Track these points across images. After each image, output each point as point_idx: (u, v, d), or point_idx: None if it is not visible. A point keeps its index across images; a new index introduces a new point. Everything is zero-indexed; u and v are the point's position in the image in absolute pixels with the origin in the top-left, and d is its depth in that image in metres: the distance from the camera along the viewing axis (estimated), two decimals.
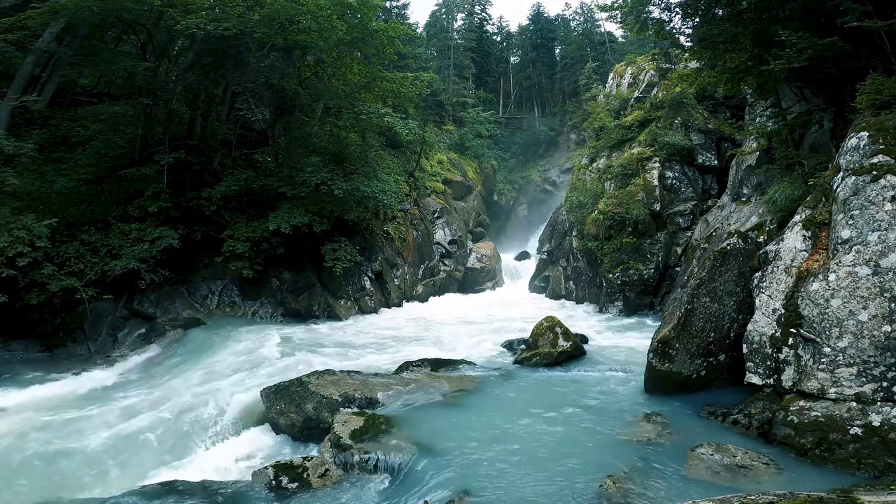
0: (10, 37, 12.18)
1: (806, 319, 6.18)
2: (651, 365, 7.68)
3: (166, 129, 14.90)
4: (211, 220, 14.66)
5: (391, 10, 35.98)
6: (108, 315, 12.59)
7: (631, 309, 16.00)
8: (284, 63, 15.99)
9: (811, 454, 5.57)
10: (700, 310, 7.64)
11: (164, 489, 5.67)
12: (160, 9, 12.95)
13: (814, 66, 8.19)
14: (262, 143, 17.98)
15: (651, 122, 18.95)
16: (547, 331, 10.63)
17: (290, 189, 14.64)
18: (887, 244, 5.76)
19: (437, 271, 22.59)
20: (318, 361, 10.11)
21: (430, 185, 25.26)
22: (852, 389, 5.68)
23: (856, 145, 6.54)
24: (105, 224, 12.98)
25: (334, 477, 5.81)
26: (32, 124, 13.91)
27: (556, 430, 6.50)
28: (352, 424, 6.57)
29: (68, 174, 12.92)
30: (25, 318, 11.48)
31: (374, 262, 17.62)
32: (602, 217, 17.01)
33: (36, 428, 7.37)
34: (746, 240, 8.06)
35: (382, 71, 18.15)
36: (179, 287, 14.09)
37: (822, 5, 8.10)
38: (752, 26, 9.29)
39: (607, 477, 5.11)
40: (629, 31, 13.67)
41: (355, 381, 8.15)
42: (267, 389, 7.73)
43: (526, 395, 8.10)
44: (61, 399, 8.86)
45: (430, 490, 5.21)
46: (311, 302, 15.19)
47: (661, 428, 6.39)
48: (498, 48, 52.13)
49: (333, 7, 14.63)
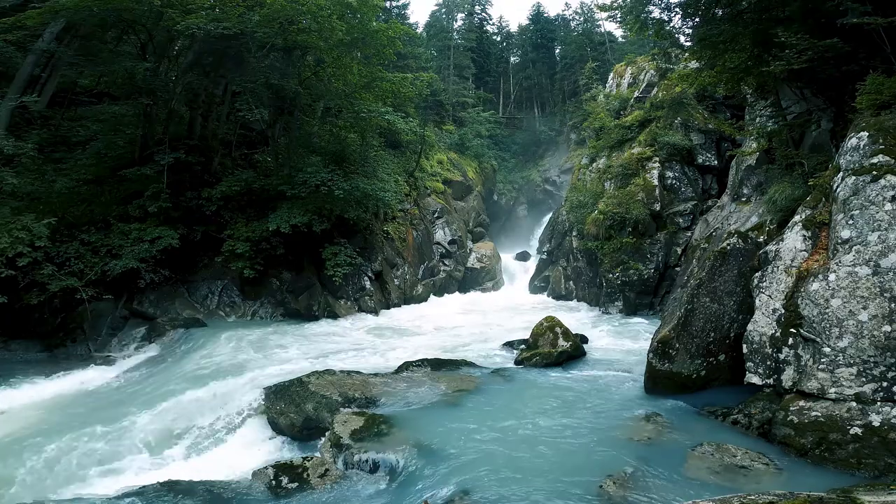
0: (10, 37, 12.19)
1: (806, 319, 6.18)
2: (651, 365, 7.68)
3: (166, 129, 14.90)
4: (211, 220, 14.67)
5: (391, 10, 35.95)
6: (108, 315, 12.59)
7: (631, 309, 16.00)
8: (284, 63, 15.99)
9: (811, 454, 5.57)
10: (700, 310, 7.64)
11: (164, 489, 5.67)
12: (160, 9, 12.96)
13: (814, 66, 8.19)
14: (262, 143, 17.98)
15: (651, 122, 18.95)
16: (547, 331, 10.63)
17: (290, 189, 14.64)
18: (887, 244, 5.76)
19: (437, 271, 22.59)
20: (318, 361, 10.11)
21: (430, 185, 25.24)
22: (852, 389, 5.68)
23: (856, 145, 6.54)
24: (105, 224, 12.98)
25: (334, 477, 5.82)
26: (32, 124, 13.92)
27: (556, 430, 6.49)
28: (352, 424, 6.58)
29: (68, 174, 12.93)
30: (25, 318, 11.48)
31: (374, 263, 17.61)
32: (602, 217, 17.00)
33: (36, 428, 7.37)
34: (746, 240, 8.06)
35: (382, 71, 18.15)
36: (179, 287, 14.08)
37: (821, 5, 8.10)
38: (751, 26, 9.29)
39: (607, 477, 5.11)
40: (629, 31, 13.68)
41: (355, 381, 8.15)
42: (267, 389, 7.74)
43: (526, 395, 8.10)
44: (61, 399, 8.86)
45: (429, 489, 5.21)
46: (311, 302, 15.19)
47: (661, 428, 6.40)
48: (498, 48, 52.05)
49: (333, 7, 14.63)
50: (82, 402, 8.68)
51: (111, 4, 12.19)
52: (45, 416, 7.90)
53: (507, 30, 54.08)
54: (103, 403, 8.46)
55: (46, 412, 8.08)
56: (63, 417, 7.80)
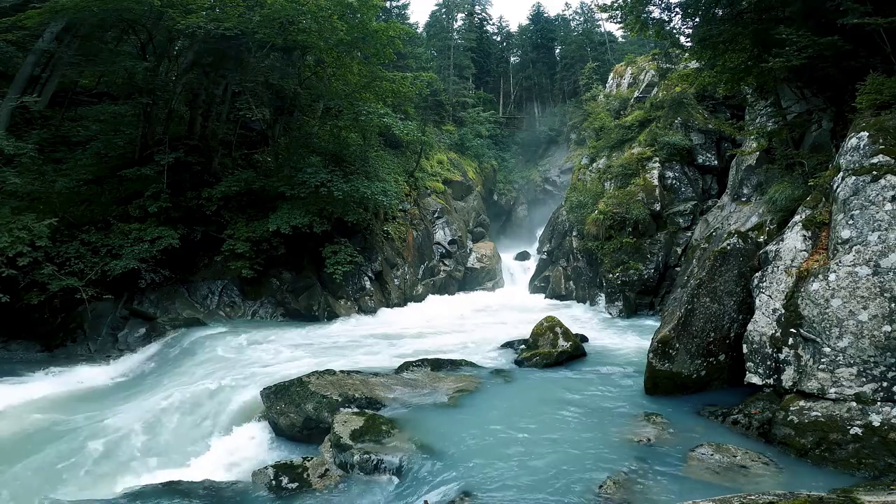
0: (10, 37, 12.21)
1: (806, 319, 6.17)
2: (651, 365, 7.67)
3: (166, 129, 14.91)
4: (211, 220, 14.67)
5: (391, 10, 35.94)
6: (109, 315, 12.59)
7: (631, 309, 15.99)
8: (284, 63, 16.00)
9: (811, 454, 5.57)
10: (700, 310, 7.64)
11: (164, 489, 5.67)
12: (160, 9, 12.96)
13: (814, 65, 8.19)
14: (262, 143, 17.98)
15: (651, 122, 18.95)
16: (547, 331, 10.62)
17: (290, 189, 14.64)
18: (887, 244, 5.76)
19: (437, 271, 22.58)
20: (318, 361, 10.09)
21: (430, 185, 25.24)
22: (852, 389, 5.68)
23: (856, 145, 6.54)
24: (105, 224, 12.99)
25: (334, 477, 5.81)
26: (32, 124, 13.93)
27: (556, 431, 6.49)
28: (352, 424, 6.57)
29: (68, 174, 12.94)
30: (25, 318, 11.49)
31: (374, 263, 17.61)
32: (602, 217, 17.00)
33: (35, 428, 7.37)
34: (746, 240, 8.06)
35: (382, 71, 18.15)
36: (179, 287, 14.09)
37: (822, 5, 8.10)
38: (751, 26, 9.29)
39: (607, 477, 5.11)
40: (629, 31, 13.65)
41: (355, 381, 8.14)
42: (267, 389, 7.72)
43: (526, 395, 8.10)
44: (61, 399, 8.86)
45: (430, 490, 5.20)
46: (311, 302, 15.19)
47: (661, 428, 6.39)
48: (498, 48, 52.07)
49: (333, 7, 14.64)
50: (82, 401, 8.67)
51: (111, 4, 12.20)
52: (44, 415, 7.89)
53: (507, 30, 54.14)
54: (103, 403, 8.46)
55: (46, 412, 8.07)
56: (62, 417, 7.79)
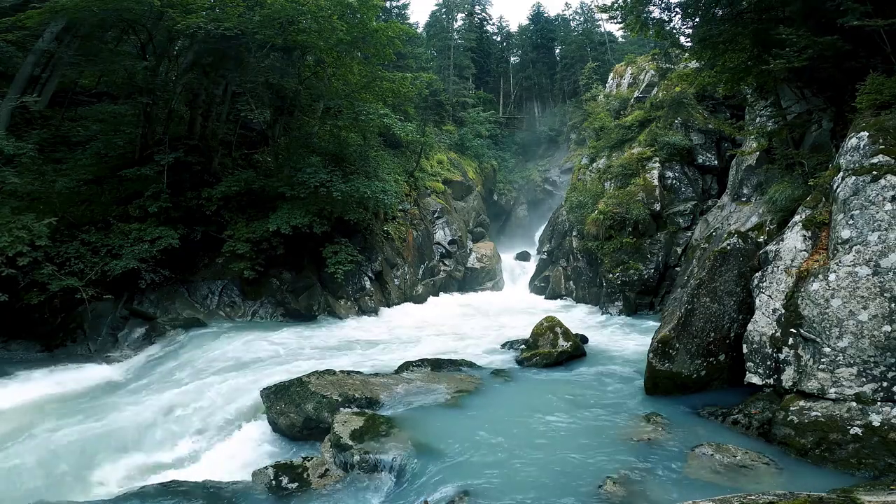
0: (10, 37, 12.21)
1: (806, 319, 6.18)
2: (651, 365, 7.68)
3: (166, 129, 14.90)
4: (211, 221, 14.66)
5: (391, 10, 35.94)
6: (109, 315, 12.58)
7: (631, 309, 15.99)
8: (284, 63, 15.98)
9: (811, 454, 5.57)
10: (700, 310, 7.64)
11: (164, 489, 5.67)
12: (160, 9, 12.95)
13: (814, 65, 8.19)
14: (262, 143, 17.97)
15: (651, 122, 18.95)
16: (547, 331, 10.63)
17: (290, 189, 14.63)
18: (887, 244, 5.76)
19: (437, 271, 22.58)
20: (318, 361, 10.10)
21: (430, 185, 25.23)
22: (852, 389, 5.68)
23: (856, 145, 6.54)
24: (105, 224, 12.98)
25: (334, 477, 5.82)
26: (32, 124, 13.92)
27: (556, 430, 6.50)
28: (352, 424, 6.57)
29: (68, 174, 12.92)
30: (25, 318, 11.47)
31: (374, 263, 17.61)
32: (602, 217, 17.00)
33: (35, 428, 7.36)
34: (746, 240, 8.06)
35: (382, 71, 18.14)
36: (179, 287, 14.08)
37: (822, 6, 8.10)
38: (751, 26, 9.29)
39: (607, 477, 5.11)
40: (629, 31, 13.65)
41: (355, 381, 8.14)
42: (267, 389, 7.73)
43: (526, 395, 8.11)
44: (61, 399, 8.84)
45: (429, 490, 5.21)
46: (311, 302, 15.19)
47: (661, 428, 6.39)
48: (498, 48, 52.06)
49: (333, 7, 14.63)
50: (81, 401, 8.66)
51: (111, 4, 12.19)
52: (44, 415, 7.89)
53: (507, 30, 54.13)
54: (102, 403, 8.45)
55: (45, 412, 8.06)
56: (62, 417, 7.79)
